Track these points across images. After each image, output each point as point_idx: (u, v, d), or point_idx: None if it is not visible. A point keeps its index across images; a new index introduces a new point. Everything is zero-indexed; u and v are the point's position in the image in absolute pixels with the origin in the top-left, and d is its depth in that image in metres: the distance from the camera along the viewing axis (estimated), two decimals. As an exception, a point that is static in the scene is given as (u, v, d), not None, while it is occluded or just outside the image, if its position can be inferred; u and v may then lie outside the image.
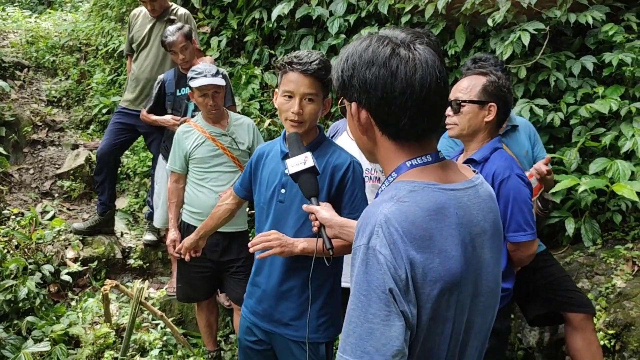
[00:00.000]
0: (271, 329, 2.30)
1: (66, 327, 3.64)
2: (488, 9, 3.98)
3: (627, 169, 3.48)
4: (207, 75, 3.28)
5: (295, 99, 2.13)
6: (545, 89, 4.04)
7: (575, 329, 2.87)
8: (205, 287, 3.55)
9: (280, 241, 2.08)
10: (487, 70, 2.42)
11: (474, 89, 2.34)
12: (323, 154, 2.22)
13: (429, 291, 1.12)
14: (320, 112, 2.21)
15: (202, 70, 3.31)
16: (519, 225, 2.27)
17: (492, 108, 2.33)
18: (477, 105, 2.34)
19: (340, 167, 2.19)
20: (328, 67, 2.13)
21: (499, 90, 2.34)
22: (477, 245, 1.23)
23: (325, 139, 2.30)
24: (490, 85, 2.34)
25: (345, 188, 2.19)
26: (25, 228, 4.39)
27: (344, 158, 2.22)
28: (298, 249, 2.09)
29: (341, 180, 2.18)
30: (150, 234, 4.83)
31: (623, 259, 3.46)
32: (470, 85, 2.36)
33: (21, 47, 7.64)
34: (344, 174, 2.18)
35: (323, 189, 2.15)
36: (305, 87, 2.12)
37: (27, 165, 5.72)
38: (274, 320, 2.29)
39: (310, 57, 2.12)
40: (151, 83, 4.41)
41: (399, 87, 1.17)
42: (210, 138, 3.34)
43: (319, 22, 5.03)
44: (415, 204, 1.15)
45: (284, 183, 2.22)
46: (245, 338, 2.42)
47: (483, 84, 2.34)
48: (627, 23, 3.88)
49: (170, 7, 4.59)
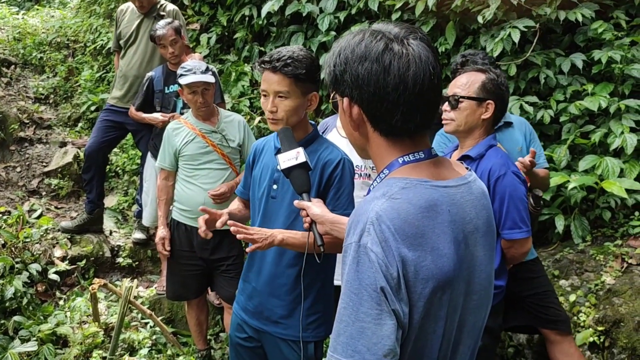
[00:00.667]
0: (260, 326, 2.29)
1: (54, 326, 3.60)
2: (478, 6, 3.99)
3: (616, 166, 3.50)
4: (196, 72, 3.25)
5: (269, 97, 2.13)
6: (535, 87, 4.05)
7: (552, 343, 2.88)
8: (195, 285, 3.52)
9: (259, 234, 2.04)
10: (486, 68, 2.42)
11: (472, 86, 2.33)
12: (315, 150, 2.21)
13: (421, 289, 1.11)
14: (302, 107, 2.17)
15: (191, 67, 3.28)
16: (514, 223, 2.27)
17: (489, 105, 2.32)
18: (475, 102, 2.33)
19: (331, 163, 2.18)
20: (302, 63, 2.09)
21: (497, 88, 2.34)
22: (470, 243, 1.22)
23: (318, 135, 2.29)
24: (490, 82, 2.34)
25: (332, 184, 2.17)
26: (12, 227, 4.34)
27: (335, 154, 2.20)
28: (277, 239, 2.04)
29: (329, 176, 2.17)
30: (139, 232, 4.80)
31: (612, 256, 3.48)
32: (469, 81, 2.35)
33: (8, 43, 7.56)
34: (333, 170, 2.17)
35: (313, 184, 2.14)
36: (276, 84, 2.10)
37: (14, 163, 5.65)
38: (264, 318, 2.28)
39: (280, 54, 2.09)
40: (139, 80, 4.38)
41: (392, 83, 1.15)
42: (200, 135, 3.32)
43: (309, 19, 5.02)
44: (407, 201, 1.13)
45: (276, 179, 2.21)
46: (235, 335, 2.40)
47: (482, 81, 2.34)
48: (616, 21, 3.90)
49: (158, 3, 4.55)
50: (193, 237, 3.36)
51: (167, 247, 3.41)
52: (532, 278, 2.87)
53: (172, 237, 3.43)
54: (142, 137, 4.53)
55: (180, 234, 3.42)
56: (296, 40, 4.96)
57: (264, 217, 2.24)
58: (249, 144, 3.48)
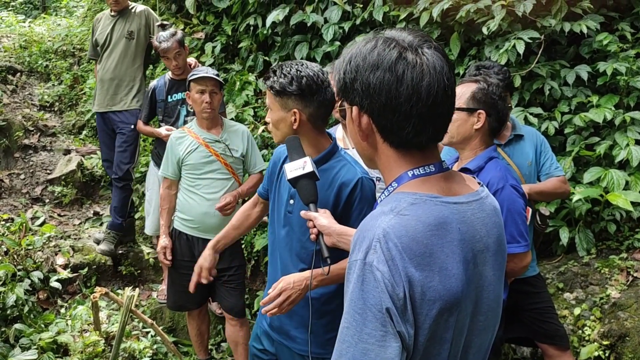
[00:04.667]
0: (279, 339, 2.29)
1: (55, 335, 3.58)
2: (483, 17, 3.98)
3: (621, 179, 3.48)
4: (208, 73, 3.31)
5: None
6: (539, 98, 4.03)
7: (550, 358, 2.87)
8: (196, 295, 3.50)
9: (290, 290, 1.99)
10: (479, 78, 2.40)
11: (462, 97, 2.31)
12: (331, 167, 2.14)
13: (428, 311, 1.06)
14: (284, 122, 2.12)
15: (203, 69, 3.39)
16: (512, 237, 2.24)
17: (480, 115, 2.29)
18: (465, 112, 2.31)
19: (348, 183, 2.10)
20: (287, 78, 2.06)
21: (487, 97, 2.30)
22: (479, 262, 1.17)
23: (336, 150, 2.21)
24: (479, 92, 2.30)
25: (353, 206, 2.11)
26: (15, 234, 4.34)
27: (352, 174, 2.12)
28: (308, 281, 2.00)
29: (349, 197, 2.10)
30: (106, 244, 4.57)
31: (617, 269, 3.45)
32: (461, 92, 2.32)
33: (14, 51, 7.60)
34: (352, 191, 2.10)
35: (329, 203, 2.08)
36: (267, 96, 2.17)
37: (18, 170, 5.67)
38: (283, 332, 2.27)
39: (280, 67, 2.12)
40: (116, 82, 4.48)
41: (405, 94, 1.11)
42: (203, 144, 3.31)
43: (314, 28, 5.02)
44: (416, 217, 1.08)
45: (293, 194, 2.17)
46: (253, 345, 2.44)
47: (472, 91, 2.31)
48: (621, 33, 3.89)
49: (129, 5, 4.60)
50: (194, 247, 3.35)
51: (168, 257, 3.39)
52: (534, 293, 2.85)
53: (174, 247, 3.42)
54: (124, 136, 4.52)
55: (181, 243, 3.41)
56: (300, 50, 4.97)
57: (288, 232, 2.21)
58: (252, 154, 3.48)
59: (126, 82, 4.51)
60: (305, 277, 2.00)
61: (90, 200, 5.60)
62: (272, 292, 2.01)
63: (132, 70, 4.52)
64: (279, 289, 2.00)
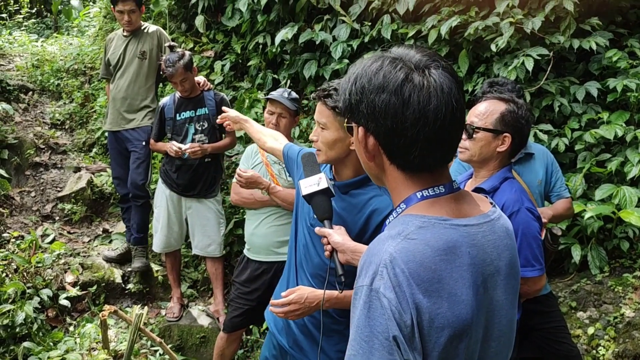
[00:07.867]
0: (292, 352, 2.28)
1: (63, 353, 3.57)
2: (491, 34, 3.99)
3: (633, 196, 3.44)
4: (277, 96, 3.27)
5: (316, 126, 2.10)
6: (549, 114, 4.02)
7: None
8: (252, 317, 3.52)
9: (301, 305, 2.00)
10: (508, 97, 2.29)
11: (490, 116, 2.22)
12: (366, 192, 2.08)
13: (436, 338, 1.03)
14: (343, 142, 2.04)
15: (280, 91, 3.34)
16: (527, 261, 2.19)
17: (506, 139, 2.21)
18: (491, 134, 2.22)
19: (380, 212, 2.04)
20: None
21: (516, 121, 2.21)
22: (490, 287, 1.14)
23: None
24: (509, 115, 2.21)
25: None
26: (25, 251, 4.35)
27: (385, 203, 2.05)
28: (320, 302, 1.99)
29: (380, 225, 2.05)
30: (138, 261, 4.62)
31: (631, 288, 3.40)
32: (488, 111, 2.23)
33: (26, 70, 7.69)
34: (383, 220, 2.03)
35: (356, 227, 2.04)
36: (319, 114, 2.06)
37: (28, 187, 5.70)
38: (296, 345, 2.26)
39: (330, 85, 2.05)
40: (127, 101, 4.50)
41: (411, 118, 1.07)
42: (265, 163, 3.36)
43: (322, 46, 5.05)
44: (424, 242, 1.06)
45: None
46: (265, 356, 2.46)
47: (501, 112, 2.21)
48: (631, 49, 3.89)
49: (142, 25, 4.64)
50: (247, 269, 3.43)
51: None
52: (545, 312, 2.81)
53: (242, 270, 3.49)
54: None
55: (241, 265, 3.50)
56: (309, 68, 5.00)
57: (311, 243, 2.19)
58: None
59: (138, 101, 4.54)
60: (318, 297, 1.98)
61: (100, 217, 5.60)
62: (285, 296, 2.01)
63: (145, 89, 4.56)
64: (290, 300, 1.99)
